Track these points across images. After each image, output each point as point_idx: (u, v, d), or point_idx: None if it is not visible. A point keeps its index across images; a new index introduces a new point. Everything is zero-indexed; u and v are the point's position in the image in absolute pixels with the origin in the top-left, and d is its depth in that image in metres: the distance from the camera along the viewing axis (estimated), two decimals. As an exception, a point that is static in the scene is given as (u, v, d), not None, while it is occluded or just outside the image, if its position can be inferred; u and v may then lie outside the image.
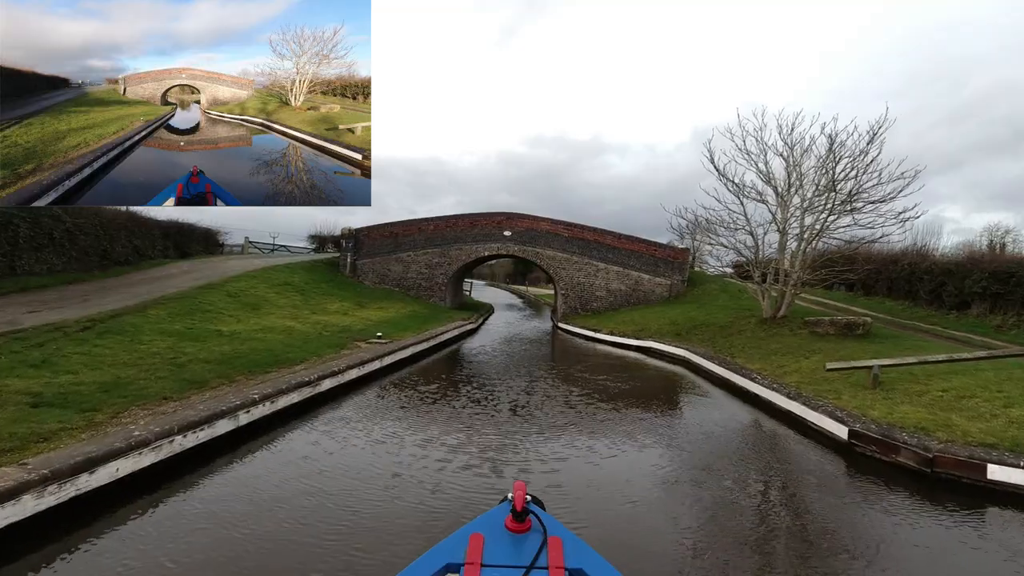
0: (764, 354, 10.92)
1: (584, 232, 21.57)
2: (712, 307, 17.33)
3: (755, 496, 4.86)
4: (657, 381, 10.65)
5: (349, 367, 8.27)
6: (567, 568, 1.82)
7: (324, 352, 9.42)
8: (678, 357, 13.18)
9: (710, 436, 6.70)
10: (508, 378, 9.82)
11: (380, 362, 9.45)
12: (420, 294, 21.54)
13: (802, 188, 12.65)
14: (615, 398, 8.51)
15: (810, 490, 5.09)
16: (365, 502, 4.22)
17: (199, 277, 14.83)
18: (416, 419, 6.71)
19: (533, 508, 2.11)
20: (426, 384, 8.92)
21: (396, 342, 11.30)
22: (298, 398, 6.67)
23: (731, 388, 9.78)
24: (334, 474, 4.77)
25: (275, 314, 12.48)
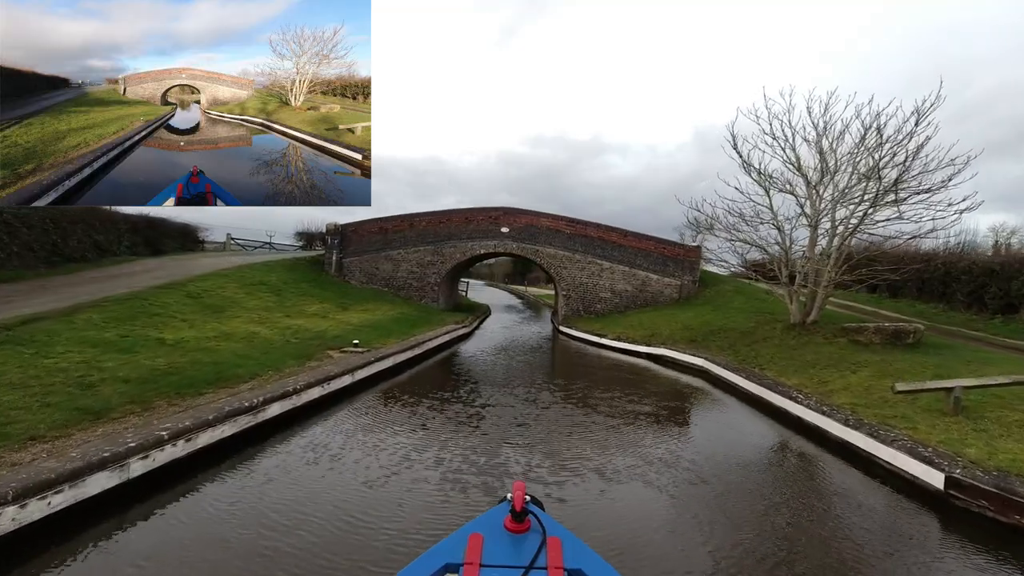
0: (799, 366, 9.45)
1: (587, 228, 20.09)
2: (728, 310, 15.87)
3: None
4: (674, 398, 9.18)
5: (309, 385, 6.80)
6: (566, 568, 1.81)
7: (285, 364, 7.94)
8: (696, 367, 11.71)
9: (750, 477, 5.24)
10: (501, 398, 8.34)
11: (351, 377, 7.97)
12: (411, 295, 20.05)
13: (836, 177, 11.18)
14: (629, 426, 7.05)
15: (901, 565, 3.63)
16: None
17: (161, 275, 13.38)
18: (386, 462, 5.23)
19: (532, 508, 2.10)
20: (403, 406, 7.42)
21: (375, 351, 9.83)
22: (231, 430, 5.20)
23: (763, 407, 8.32)
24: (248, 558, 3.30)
25: (241, 317, 11.00)
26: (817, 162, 11.52)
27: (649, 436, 6.50)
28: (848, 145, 11.26)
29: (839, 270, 11.37)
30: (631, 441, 6.24)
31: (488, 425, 6.59)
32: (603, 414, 7.40)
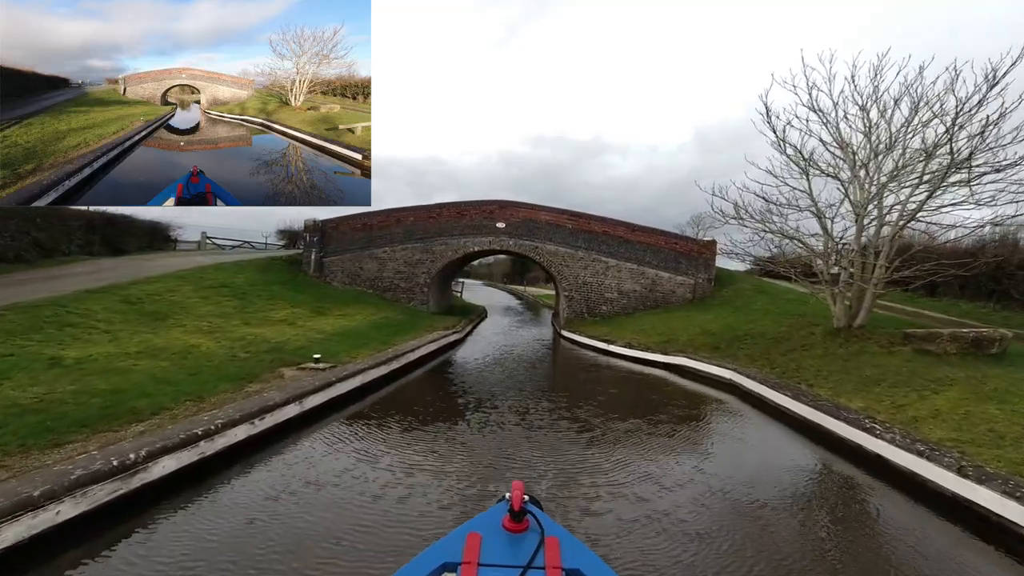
0: (859, 383, 7.71)
1: (591, 223, 18.33)
2: (751, 311, 14.12)
3: None
4: (703, 423, 7.44)
5: (231, 423, 5.04)
6: (564, 568, 1.79)
7: (217, 389, 6.20)
8: (723, 381, 9.98)
9: (845, 559, 3.49)
10: (491, 430, 6.60)
11: (299, 406, 6.21)
12: (398, 296, 18.30)
13: (890, 154, 9.45)
14: (657, 491, 5.31)
15: None
16: None
17: (105, 277, 11.67)
18: (322, 552, 3.48)
19: (530, 508, 2.06)
20: (359, 455, 5.67)
21: (341, 367, 8.07)
22: (73, 511, 3.43)
23: (821, 437, 6.58)
24: None
25: (184, 326, 9.25)
26: (864, 139, 9.79)
27: (685, 499, 4.76)
28: (902, 117, 9.52)
29: (891, 265, 9.63)
30: (662, 510, 4.49)
31: (472, 483, 4.84)
32: (619, 464, 5.66)
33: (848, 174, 10.06)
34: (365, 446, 5.60)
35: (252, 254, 21.66)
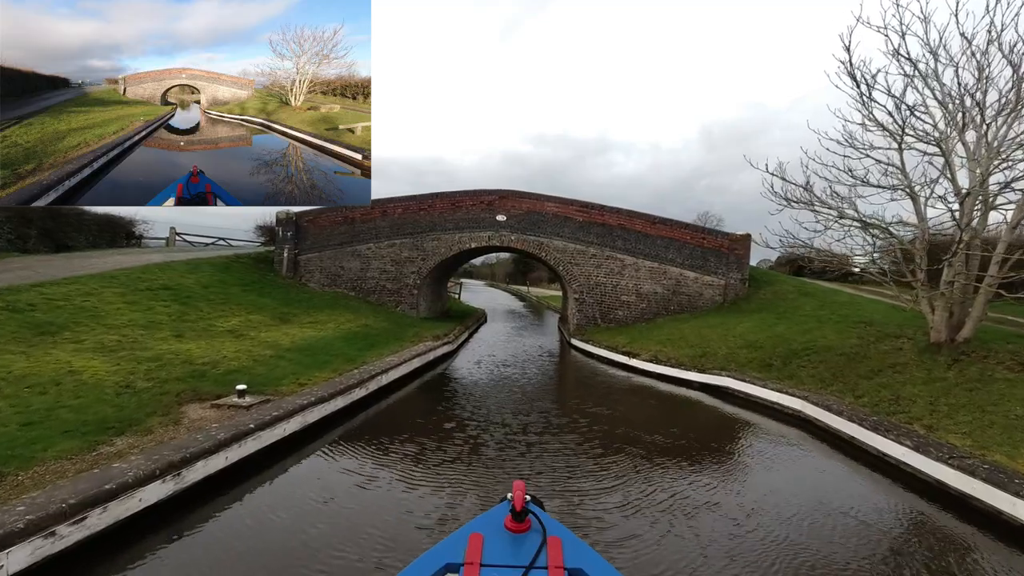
0: (1006, 425, 5.39)
1: (605, 215, 16.00)
2: (800, 319, 11.77)
3: None
4: (779, 484, 5.13)
5: (22, 533, 2.77)
6: (566, 568, 1.77)
7: (43, 456, 3.93)
8: (788, 411, 7.67)
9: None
10: (477, 503, 4.31)
11: (174, 481, 3.91)
12: (384, 299, 16.02)
13: (1018, 114, 7.12)
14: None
15: None
16: None
17: (18, 277, 9.49)
18: None
19: (532, 508, 2.06)
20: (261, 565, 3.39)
21: (274, 403, 5.80)
22: None
23: (976, 513, 4.26)
24: None
25: (82, 342, 7.00)
26: (972, 98, 7.46)
27: None
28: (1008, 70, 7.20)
29: (1012, 259, 7.32)
30: None
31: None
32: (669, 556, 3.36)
33: (948, 144, 7.72)
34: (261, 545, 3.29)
35: (225, 251, 19.41)
